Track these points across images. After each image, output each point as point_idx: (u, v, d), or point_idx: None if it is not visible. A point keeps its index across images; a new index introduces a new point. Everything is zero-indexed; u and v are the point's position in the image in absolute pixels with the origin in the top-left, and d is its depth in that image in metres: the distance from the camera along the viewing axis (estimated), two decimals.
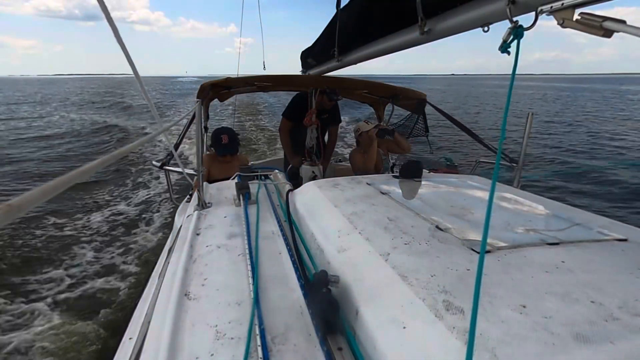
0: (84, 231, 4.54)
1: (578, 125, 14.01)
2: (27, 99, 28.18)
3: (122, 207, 5.45)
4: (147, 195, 5.98)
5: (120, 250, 4.10)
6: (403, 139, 2.81)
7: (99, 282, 3.42)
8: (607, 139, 11.14)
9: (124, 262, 3.81)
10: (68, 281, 3.43)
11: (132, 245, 4.21)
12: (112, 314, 2.95)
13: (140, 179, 6.79)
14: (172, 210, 4.93)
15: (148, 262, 3.72)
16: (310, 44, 3.26)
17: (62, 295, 3.20)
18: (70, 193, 5.60)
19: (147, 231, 4.60)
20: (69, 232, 4.48)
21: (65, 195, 5.45)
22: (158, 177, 6.63)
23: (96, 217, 4.99)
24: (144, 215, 5.13)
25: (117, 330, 2.68)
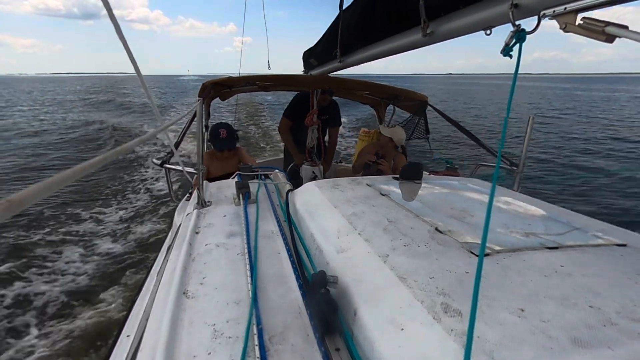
0: (83, 228, 4.54)
1: (581, 126, 14.04)
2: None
3: (121, 204, 5.45)
4: (147, 193, 5.98)
5: (119, 247, 4.10)
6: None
7: (97, 279, 3.42)
8: (611, 141, 11.18)
9: (122, 260, 3.81)
10: (65, 278, 3.44)
11: (131, 243, 4.21)
12: (110, 311, 2.95)
13: (140, 177, 6.80)
14: (171, 208, 4.93)
15: (147, 259, 3.72)
16: (310, 44, 3.28)
17: (60, 292, 3.20)
18: (69, 190, 5.60)
19: (146, 229, 4.60)
20: (68, 229, 4.48)
21: (64, 192, 5.45)
22: (158, 175, 6.63)
23: (95, 214, 4.99)
24: (143, 213, 5.13)
25: (114, 327, 2.68)
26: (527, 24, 0.76)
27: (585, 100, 28.70)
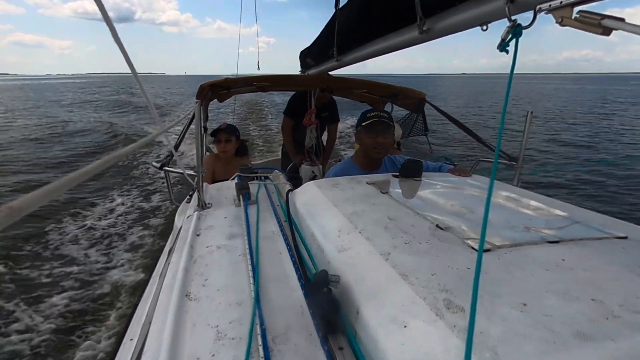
0: (84, 232, 4.54)
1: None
2: None
3: (121, 208, 5.45)
4: (147, 196, 5.98)
5: (120, 251, 4.10)
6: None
7: (99, 283, 3.42)
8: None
9: (123, 263, 3.81)
10: (67, 281, 3.43)
11: (131, 246, 4.21)
12: (112, 315, 2.95)
13: (140, 180, 6.79)
14: (172, 211, 4.93)
15: (148, 262, 3.72)
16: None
17: (61, 296, 3.19)
18: (69, 194, 5.60)
19: (147, 232, 4.60)
20: (68, 232, 4.47)
21: (64, 197, 5.44)
22: (158, 178, 6.63)
23: (96, 218, 4.99)
24: (143, 216, 5.13)
25: (117, 331, 2.68)
26: (524, 19, 0.77)
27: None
